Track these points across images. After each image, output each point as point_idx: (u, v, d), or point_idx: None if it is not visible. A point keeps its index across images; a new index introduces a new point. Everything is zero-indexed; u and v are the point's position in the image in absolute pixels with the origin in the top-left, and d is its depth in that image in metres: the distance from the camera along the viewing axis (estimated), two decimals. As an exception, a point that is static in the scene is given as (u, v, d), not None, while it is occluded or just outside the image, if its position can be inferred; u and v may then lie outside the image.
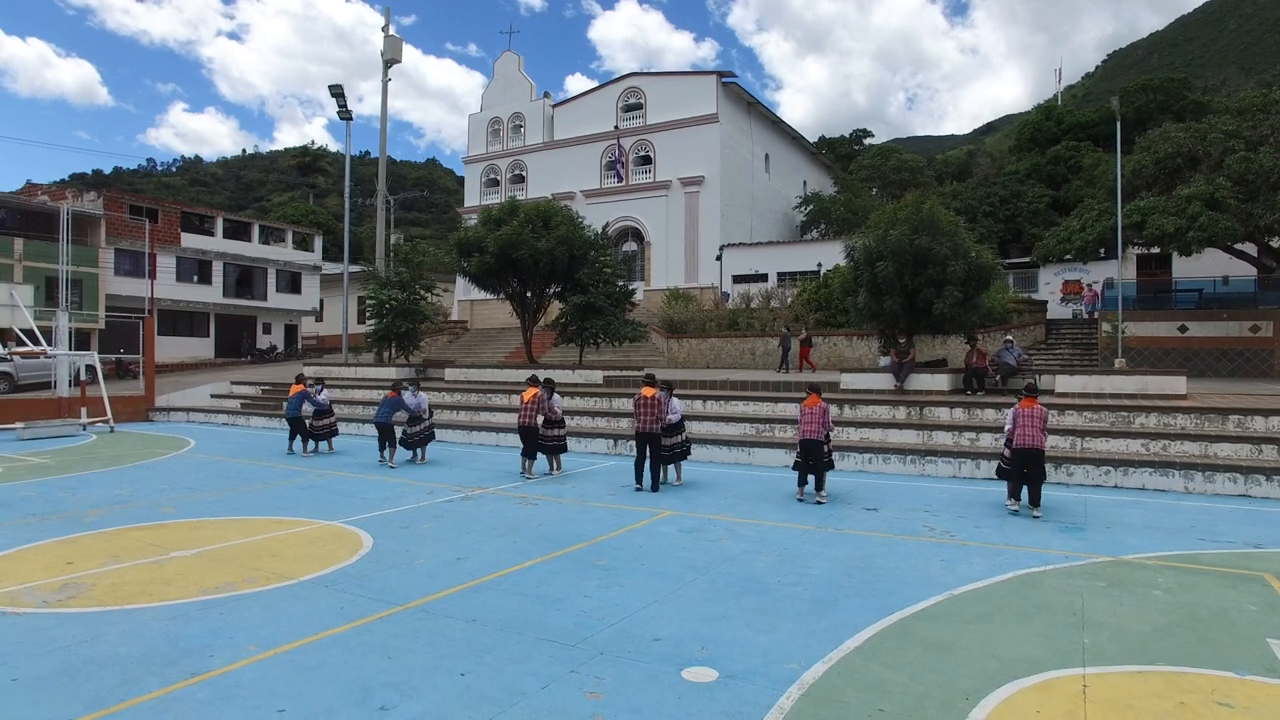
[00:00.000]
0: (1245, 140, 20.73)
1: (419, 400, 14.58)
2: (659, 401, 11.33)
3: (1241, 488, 10.84)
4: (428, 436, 14.69)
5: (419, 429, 14.46)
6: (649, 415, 11.19)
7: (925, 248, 15.64)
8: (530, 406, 12.48)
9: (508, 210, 23.07)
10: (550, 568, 7.38)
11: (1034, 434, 9.42)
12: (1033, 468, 9.48)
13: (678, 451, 11.88)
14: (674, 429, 11.74)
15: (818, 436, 10.27)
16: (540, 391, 12.69)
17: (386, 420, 14.24)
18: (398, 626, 5.74)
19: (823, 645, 5.34)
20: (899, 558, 7.69)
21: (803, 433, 10.39)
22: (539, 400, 12.57)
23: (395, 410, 14.35)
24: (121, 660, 5.08)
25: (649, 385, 11.54)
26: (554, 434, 12.97)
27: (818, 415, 10.33)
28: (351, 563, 7.55)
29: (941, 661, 5.05)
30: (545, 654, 5.20)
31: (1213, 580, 6.87)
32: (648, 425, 11.21)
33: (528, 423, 12.50)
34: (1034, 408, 9.55)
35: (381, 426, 14.31)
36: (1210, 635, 5.51)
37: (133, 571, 7.20)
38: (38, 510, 10.13)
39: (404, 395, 14.45)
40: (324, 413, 16.03)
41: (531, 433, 12.54)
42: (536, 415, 12.51)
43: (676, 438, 11.81)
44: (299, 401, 15.96)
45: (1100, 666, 4.98)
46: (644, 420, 11.23)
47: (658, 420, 11.22)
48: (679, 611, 6.07)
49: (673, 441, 11.72)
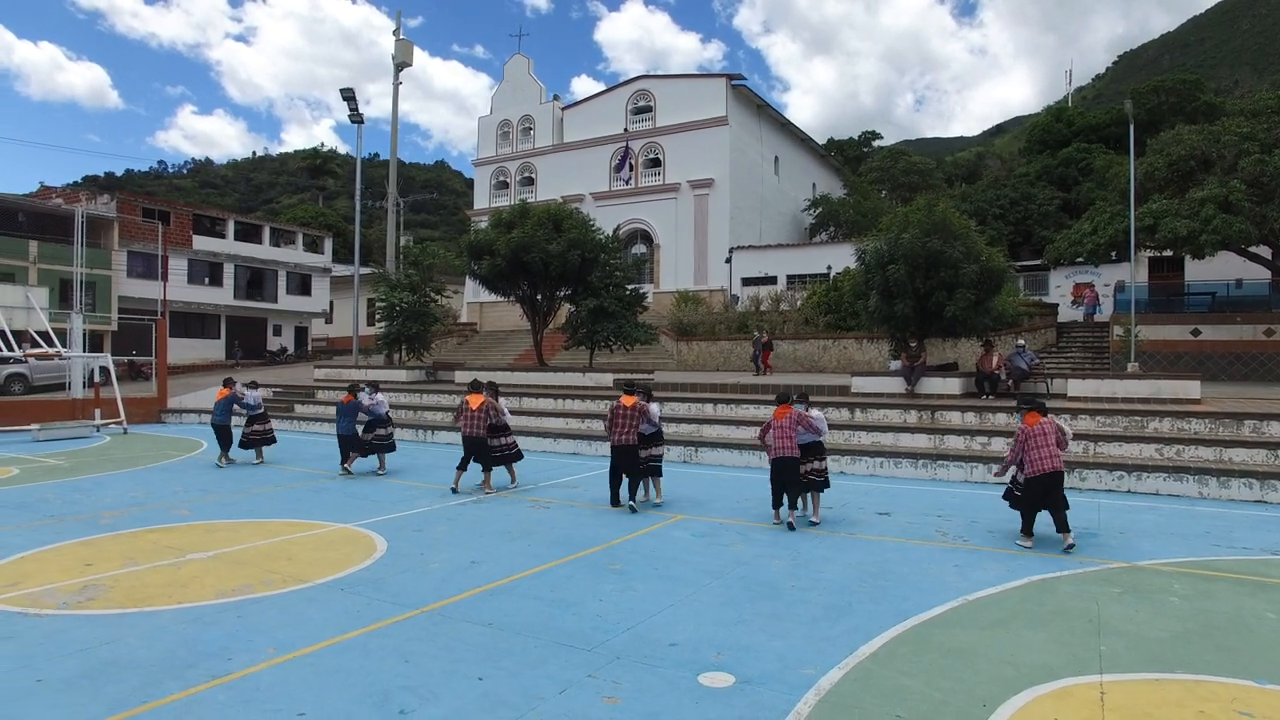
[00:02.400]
0: (1260, 143, 20.60)
1: (377, 402, 13.36)
2: (639, 410, 10.19)
3: (1257, 493, 10.77)
4: (387, 445, 13.52)
5: (375, 435, 13.34)
6: (627, 426, 10.06)
7: (938, 251, 15.61)
8: (478, 414, 11.44)
9: (519, 213, 23.13)
10: (564, 571, 7.40)
11: (1049, 455, 8.07)
12: (1051, 495, 8.08)
13: (653, 465, 10.62)
14: (653, 439, 10.57)
15: (792, 452, 9.06)
16: (487, 397, 11.72)
17: (349, 430, 13.17)
18: (414, 630, 5.78)
19: (838, 651, 5.34)
20: (912, 563, 7.68)
21: (775, 450, 9.10)
22: (488, 407, 11.59)
23: (355, 415, 13.25)
24: (142, 662, 5.13)
25: (628, 393, 10.36)
26: (504, 440, 11.91)
27: (788, 428, 9.09)
28: (366, 566, 7.59)
29: (957, 668, 5.05)
30: (562, 658, 5.22)
31: (1230, 587, 6.84)
32: (624, 437, 10.05)
33: (475, 433, 11.43)
34: (1041, 423, 8.18)
35: (344, 438, 13.23)
36: (1229, 643, 5.48)
37: (151, 574, 7.27)
38: (55, 512, 10.22)
39: (361, 397, 13.30)
40: (257, 417, 14.88)
41: (479, 443, 11.49)
42: (484, 424, 11.50)
43: (655, 449, 10.64)
44: (228, 406, 14.58)
45: (1118, 674, 4.96)
46: (620, 431, 10.06)
47: (635, 431, 10.12)
48: (694, 616, 6.09)
49: (649, 453, 10.49)
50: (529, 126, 45.64)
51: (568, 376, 21.40)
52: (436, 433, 18.54)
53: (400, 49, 27.96)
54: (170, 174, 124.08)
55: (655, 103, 41.56)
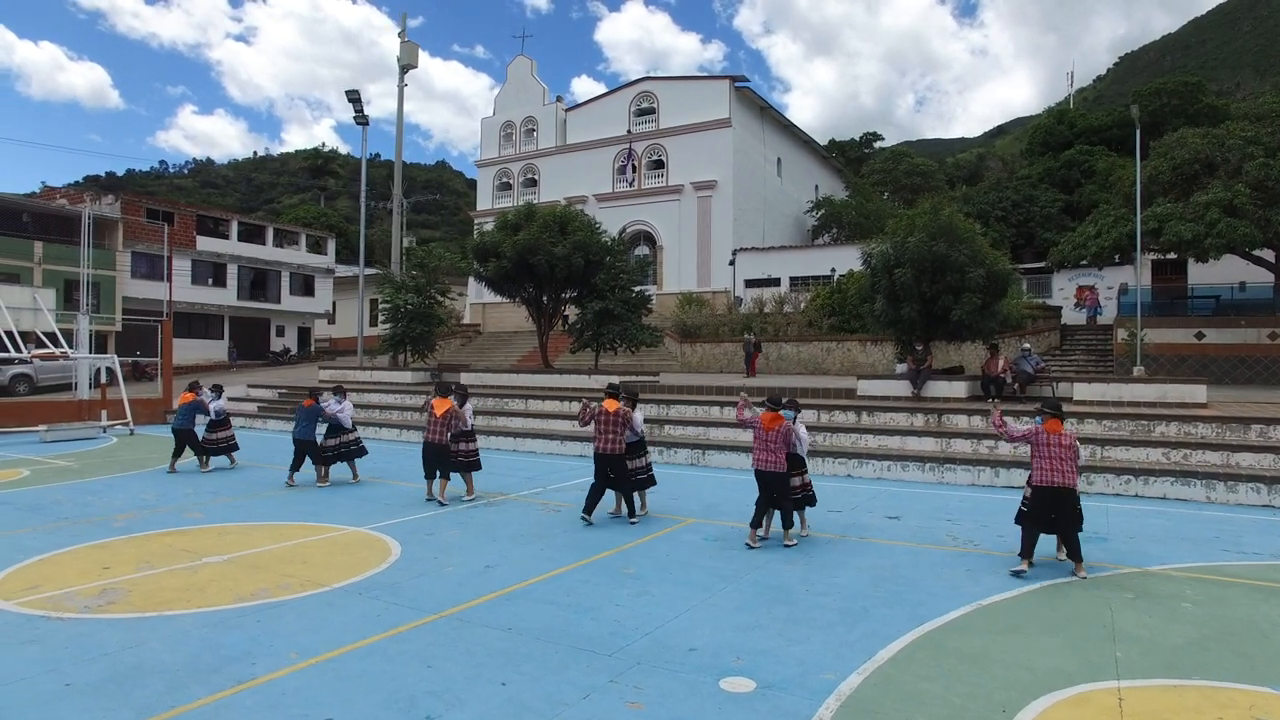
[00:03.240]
0: (1264, 146, 20.65)
1: (342, 408, 12.77)
2: (623, 417, 9.57)
3: (1265, 498, 10.82)
4: (354, 451, 12.92)
5: (339, 441, 12.73)
6: (612, 433, 9.44)
7: (944, 254, 15.64)
8: (442, 421, 10.91)
9: (524, 215, 23.19)
10: (580, 576, 7.45)
11: (1062, 467, 7.33)
12: (1063, 512, 7.40)
13: (642, 477, 10.02)
14: (636, 448, 9.94)
15: (778, 467, 8.33)
16: (453, 403, 11.20)
17: (308, 435, 12.53)
18: (435, 635, 5.82)
19: (856, 656, 5.39)
20: (924, 567, 7.73)
21: (757, 461, 8.39)
22: (453, 413, 11.04)
23: (315, 420, 12.70)
24: (167, 667, 5.17)
25: (611, 397, 9.67)
26: (466, 448, 11.34)
27: (777, 440, 8.36)
28: (383, 570, 7.63)
29: (975, 673, 5.09)
30: (583, 663, 5.26)
31: (1242, 592, 6.88)
32: (610, 445, 9.43)
33: (438, 439, 10.95)
34: (1061, 434, 7.52)
35: (302, 443, 12.54)
36: (1244, 649, 5.53)
37: (168, 577, 7.31)
38: (68, 514, 10.27)
39: (327, 403, 12.78)
40: (220, 423, 14.41)
41: (441, 451, 11.00)
42: (447, 431, 11.00)
43: (640, 459, 10.02)
44: (191, 412, 14.09)
45: (1134, 680, 5.01)
46: (605, 440, 9.44)
47: (622, 439, 9.50)
48: (711, 620, 6.13)
49: (636, 464, 9.90)
50: (532, 128, 45.72)
51: (573, 379, 21.44)
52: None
53: (405, 51, 28.02)
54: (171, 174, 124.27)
55: (658, 104, 41.63)
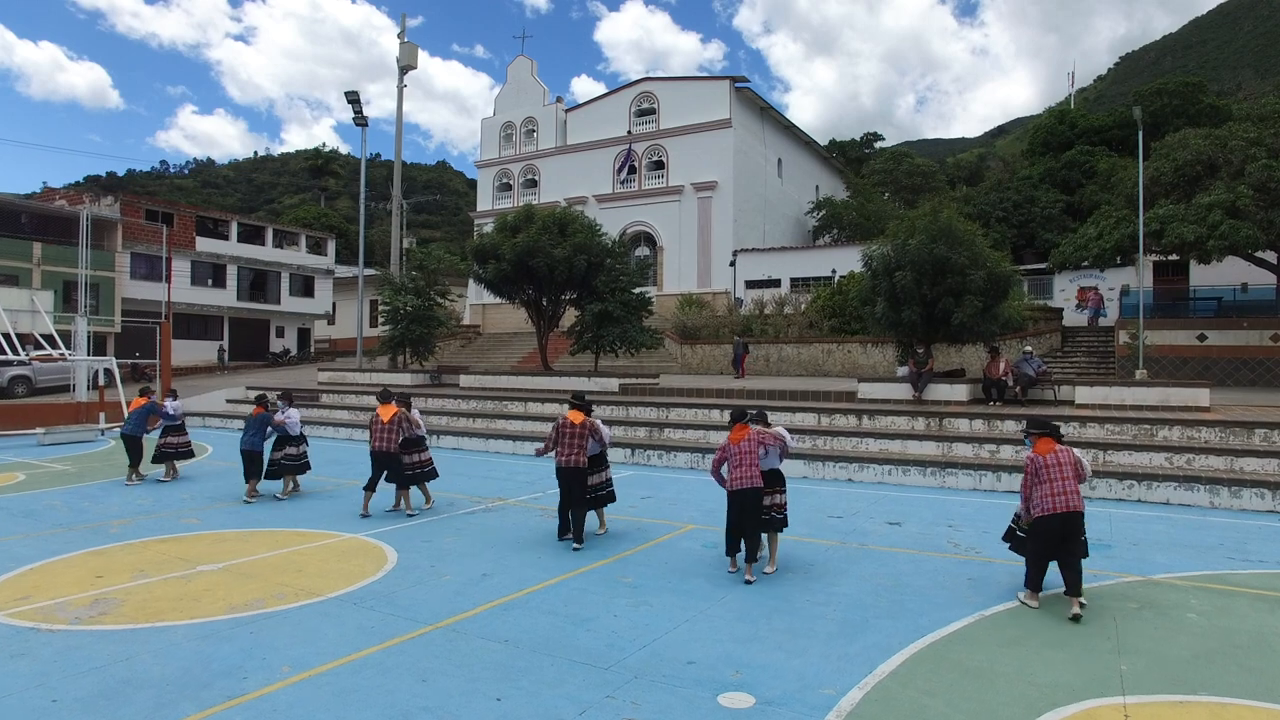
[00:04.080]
0: (1267, 148, 20.54)
1: (289, 417, 12.09)
2: (588, 428, 9.01)
3: (1270, 504, 10.72)
4: (301, 465, 12.15)
5: (285, 454, 11.98)
6: (574, 446, 8.86)
7: (944, 257, 15.57)
8: (390, 428, 10.46)
9: (524, 217, 23.10)
10: (577, 584, 7.37)
11: (1065, 491, 6.53)
12: (1069, 541, 6.55)
13: (603, 494, 9.43)
14: (598, 462, 9.34)
15: (755, 484, 7.47)
16: (400, 409, 10.73)
17: (256, 446, 11.76)
18: (430, 647, 5.74)
19: (857, 669, 5.30)
20: (926, 575, 7.64)
21: (733, 481, 7.54)
22: (401, 418, 10.61)
23: (264, 428, 11.92)
24: (157, 682, 5.09)
25: (575, 408, 9.13)
26: (420, 457, 10.90)
27: (750, 453, 7.63)
28: (378, 579, 7.55)
29: (979, 688, 5.01)
30: (580, 678, 5.18)
31: (1248, 603, 6.79)
32: (571, 458, 8.82)
33: (386, 448, 10.45)
34: (1056, 452, 6.70)
35: (248, 454, 11.74)
36: (1251, 663, 5.44)
37: (161, 586, 7.23)
38: (63, 520, 10.19)
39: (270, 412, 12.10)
40: (175, 428, 13.72)
41: (391, 460, 10.52)
42: (397, 438, 10.53)
43: (601, 474, 9.41)
44: (142, 417, 13.43)
45: (1140, 696, 4.92)
46: (566, 452, 8.83)
47: (584, 452, 8.93)
48: (710, 632, 6.05)
49: (597, 480, 9.32)
50: (532, 128, 45.63)
51: (572, 381, 21.36)
52: (442, 438, 18.48)
53: (404, 52, 27.94)
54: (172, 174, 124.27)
55: (659, 105, 41.53)
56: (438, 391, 22.56)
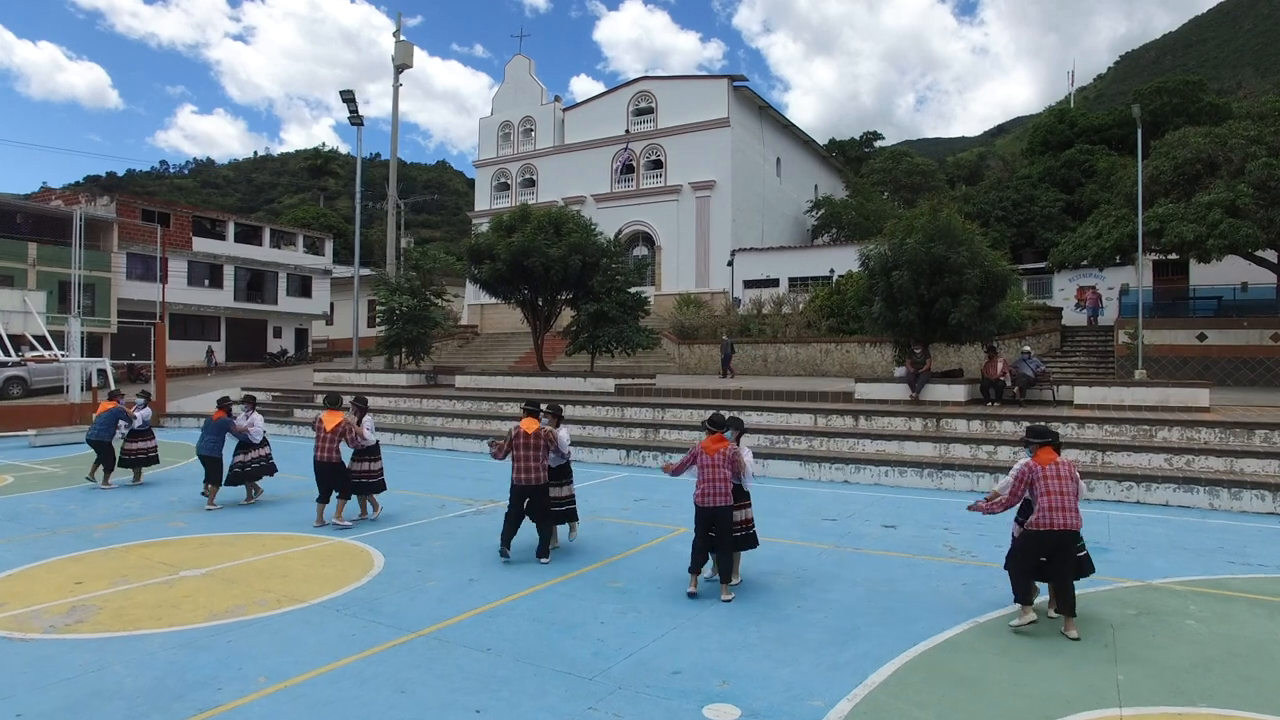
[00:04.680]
0: (1267, 146, 20.40)
1: (251, 420, 11.75)
2: (545, 438, 8.24)
3: (1270, 505, 10.59)
4: (262, 469, 11.80)
5: (248, 458, 11.64)
6: (532, 460, 8.09)
7: (942, 256, 15.43)
8: (332, 437, 9.84)
9: (519, 216, 22.96)
10: (565, 589, 7.24)
11: (1065, 508, 6.02)
12: (1060, 558, 6.13)
13: (564, 509, 8.75)
14: (561, 474, 8.67)
15: (725, 501, 6.92)
16: (348, 416, 10.13)
17: (214, 451, 11.40)
18: (410, 656, 5.61)
19: (847, 680, 5.17)
20: (920, 580, 7.51)
21: (700, 495, 6.99)
22: (345, 427, 9.97)
23: (224, 433, 11.60)
24: (128, 693, 4.96)
25: (531, 415, 8.37)
26: (370, 466, 10.29)
27: (722, 467, 6.98)
28: (363, 584, 7.42)
29: (970, 700, 4.88)
30: (562, 688, 5.05)
31: (1247, 609, 6.66)
32: (528, 475, 8.07)
33: (326, 458, 9.81)
34: (1058, 464, 6.17)
35: (207, 459, 11.40)
36: (1251, 672, 5.30)
37: (141, 593, 7.10)
38: (47, 524, 10.06)
39: (235, 417, 11.82)
40: (142, 433, 13.51)
41: (333, 470, 9.88)
42: (339, 448, 9.94)
43: (564, 488, 8.73)
44: (109, 421, 13.09)
45: (1138, 707, 4.79)
46: (523, 469, 8.08)
47: (543, 466, 8.17)
48: (697, 639, 5.92)
49: (560, 494, 8.64)
50: (530, 128, 45.49)
51: (568, 381, 21.24)
52: (436, 439, 18.36)
53: (400, 50, 27.80)
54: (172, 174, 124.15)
55: (656, 104, 41.39)
56: (433, 392, 22.43)
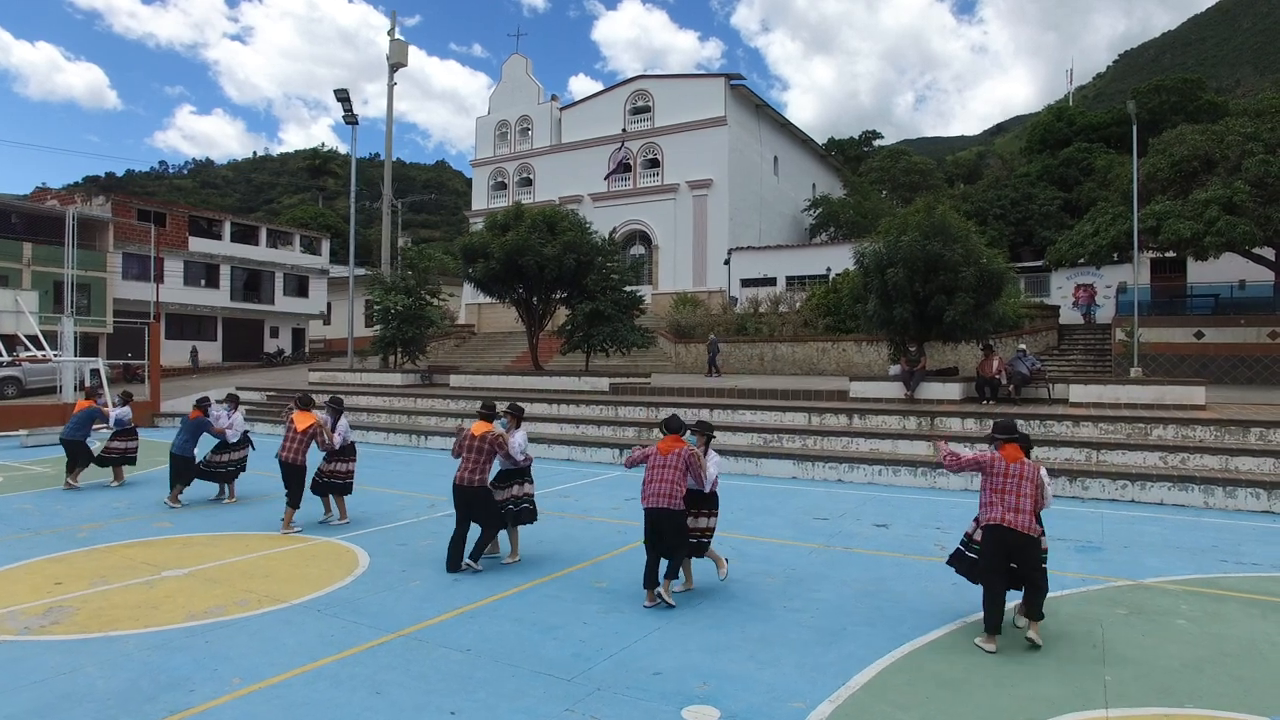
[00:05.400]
0: (1264, 143, 20.31)
1: (232, 421, 11.71)
2: (492, 441, 7.85)
3: (1265, 504, 10.51)
4: (237, 469, 11.74)
5: (225, 458, 11.59)
6: (471, 462, 7.77)
7: (937, 254, 15.34)
8: (303, 438, 9.67)
9: (513, 215, 22.90)
10: (549, 590, 7.16)
11: (1018, 509, 5.70)
12: (1022, 562, 5.72)
13: (518, 508, 8.10)
14: (516, 477, 8.20)
15: (671, 504, 6.51)
16: (321, 416, 9.90)
17: (187, 451, 11.33)
18: (389, 657, 5.53)
19: (830, 681, 5.09)
20: (909, 580, 7.43)
21: (647, 495, 6.63)
22: (316, 429, 9.74)
23: (199, 434, 11.54)
24: (99, 696, 4.88)
25: (484, 419, 8.03)
26: (339, 468, 9.95)
27: (676, 468, 6.63)
28: (346, 584, 7.34)
29: (954, 701, 4.80)
30: (540, 690, 4.97)
31: (1240, 608, 6.58)
32: (466, 476, 7.74)
33: (293, 459, 9.62)
34: (1023, 464, 5.89)
35: (178, 459, 11.29)
36: (1240, 672, 5.23)
37: (121, 594, 7.02)
38: (32, 524, 9.98)
39: (217, 416, 11.79)
40: (125, 432, 13.31)
41: (295, 471, 9.65)
42: (307, 450, 9.75)
43: (521, 488, 8.18)
44: (83, 421, 12.89)
45: (1124, 708, 4.71)
46: (462, 468, 7.78)
47: (484, 469, 7.82)
48: (680, 640, 5.84)
49: (508, 495, 8.07)
50: (527, 127, 45.41)
51: (562, 380, 21.16)
52: (430, 438, 18.28)
53: (395, 50, 27.73)
54: (172, 174, 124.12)
55: (653, 103, 41.31)
56: (427, 391, 22.35)
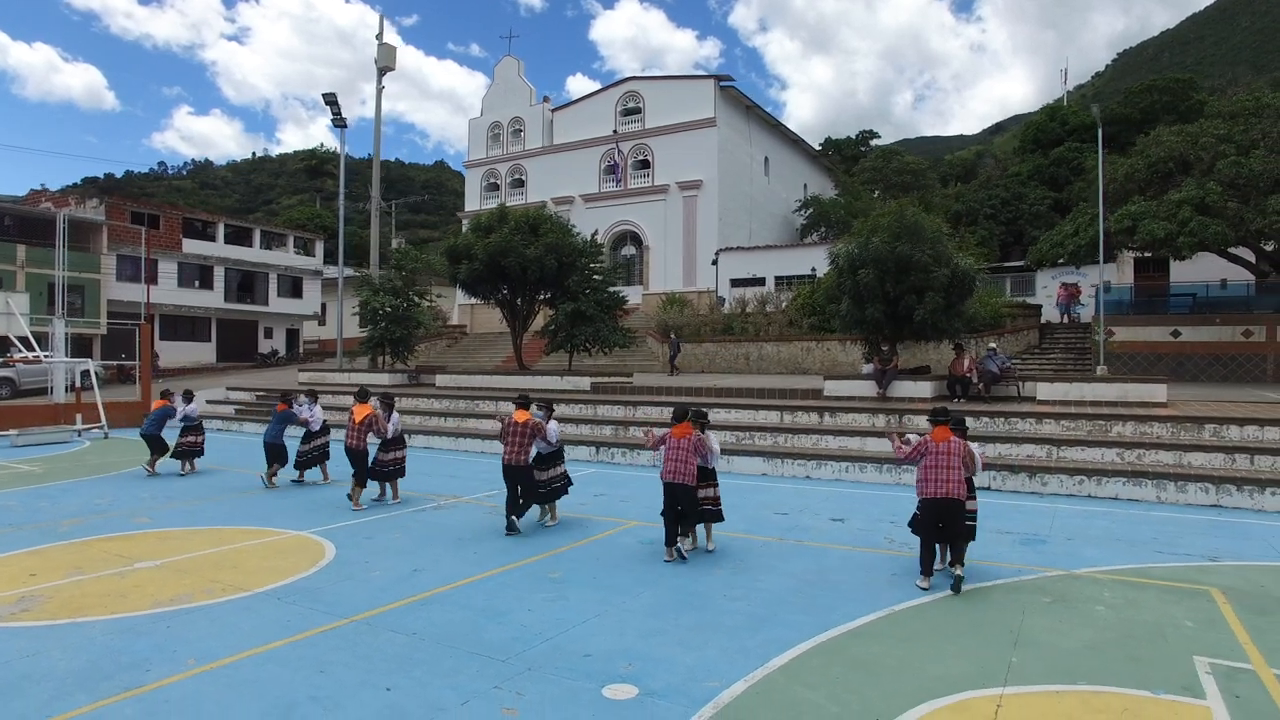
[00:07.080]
0: (1236, 144, 20.62)
1: (313, 413, 13.33)
2: (533, 427, 9.49)
3: (1213, 498, 10.81)
4: (321, 455, 13.38)
5: (310, 446, 13.26)
6: (517, 444, 9.36)
7: (906, 255, 15.64)
8: (361, 427, 11.22)
9: (497, 217, 23.22)
10: (503, 580, 7.47)
11: (948, 480, 7.06)
12: (950, 524, 7.16)
13: (556, 486, 9.94)
14: (551, 459, 9.91)
15: (685, 479, 8.08)
16: (374, 409, 11.46)
17: (277, 439, 13.04)
18: (338, 640, 5.84)
19: (749, 663, 5.39)
20: (850, 571, 7.73)
21: (666, 472, 8.20)
22: (372, 419, 11.28)
23: (286, 425, 13.30)
24: (58, 675, 5.19)
25: (521, 407, 9.76)
26: (391, 456, 11.55)
27: (686, 450, 8.16)
28: (308, 574, 7.65)
29: (862, 681, 5.10)
30: (474, 669, 5.28)
31: (1158, 595, 6.88)
32: (513, 456, 9.35)
33: (357, 445, 11.20)
34: (950, 443, 7.19)
35: (271, 447, 12.98)
36: (1138, 653, 5.53)
37: (93, 584, 7.33)
38: (14, 520, 10.29)
39: (299, 409, 13.38)
40: (192, 427, 14.69)
41: (361, 456, 11.22)
42: (366, 436, 11.25)
43: (553, 469, 9.92)
44: (159, 418, 14.47)
45: (1020, 686, 5.01)
46: (510, 450, 9.36)
47: (527, 450, 9.43)
48: (617, 626, 6.15)
49: (548, 475, 9.83)
50: (519, 128, 45.73)
51: (545, 380, 21.47)
52: (413, 437, 18.55)
53: (383, 53, 28.04)
54: (170, 175, 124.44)
55: (644, 104, 41.64)
56: (414, 391, 22.66)
